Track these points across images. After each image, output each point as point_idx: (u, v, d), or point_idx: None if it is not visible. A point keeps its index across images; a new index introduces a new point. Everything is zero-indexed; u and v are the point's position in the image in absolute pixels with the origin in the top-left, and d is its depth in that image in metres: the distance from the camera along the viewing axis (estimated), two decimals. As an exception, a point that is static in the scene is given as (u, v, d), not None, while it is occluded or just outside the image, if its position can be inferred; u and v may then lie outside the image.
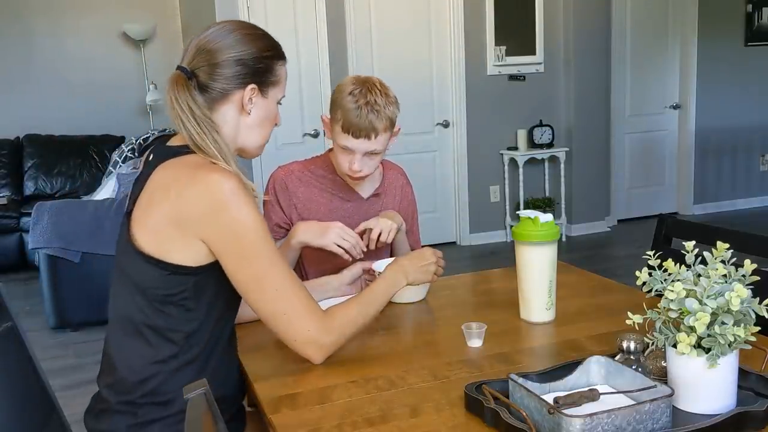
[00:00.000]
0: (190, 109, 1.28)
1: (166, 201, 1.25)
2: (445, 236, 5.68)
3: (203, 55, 1.32)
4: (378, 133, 1.79)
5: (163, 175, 1.29)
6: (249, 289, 1.29)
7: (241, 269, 1.27)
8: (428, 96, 5.44)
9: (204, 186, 1.23)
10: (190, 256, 1.26)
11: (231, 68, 1.32)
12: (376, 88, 1.80)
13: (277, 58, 1.39)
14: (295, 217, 1.92)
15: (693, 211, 6.44)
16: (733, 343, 1.05)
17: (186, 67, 1.33)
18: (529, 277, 1.55)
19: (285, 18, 4.96)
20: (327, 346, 1.35)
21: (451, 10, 5.38)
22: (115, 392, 1.32)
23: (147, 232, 1.27)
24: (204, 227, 1.24)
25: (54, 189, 5.83)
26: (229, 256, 1.26)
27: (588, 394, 1.08)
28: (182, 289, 1.27)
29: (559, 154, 5.66)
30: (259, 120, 1.39)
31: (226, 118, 1.35)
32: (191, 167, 1.27)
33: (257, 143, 1.42)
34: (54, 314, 3.89)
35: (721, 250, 1.10)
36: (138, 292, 1.28)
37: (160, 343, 1.29)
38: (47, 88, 5.91)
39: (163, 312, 1.28)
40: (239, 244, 1.25)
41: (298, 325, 1.31)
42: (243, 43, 1.34)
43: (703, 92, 6.27)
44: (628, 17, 5.98)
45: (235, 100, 1.35)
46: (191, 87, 1.31)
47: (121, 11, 5.99)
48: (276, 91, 1.41)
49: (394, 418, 1.15)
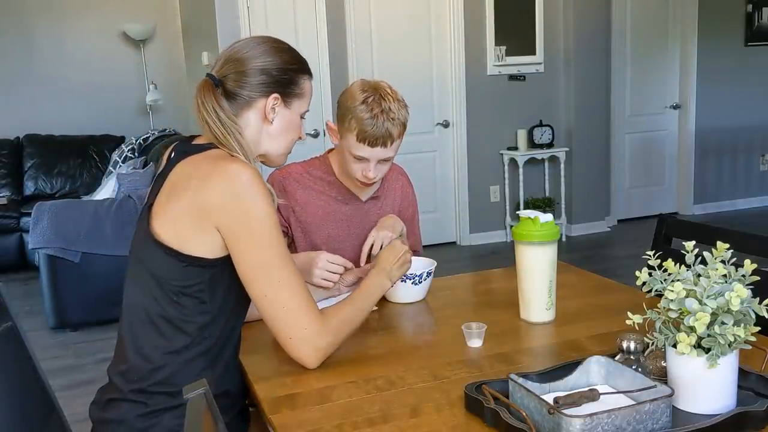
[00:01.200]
0: (215, 112, 1.34)
1: (188, 192, 1.29)
2: (445, 236, 5.68)
3: (231, 64, 1.39)
4: (394, 140, 1.78)
5: (185, 169, 1.33)
6: (253, 277, 1.30)
7: (248, 256, 1.29)
8: (428, 96, 5.44)
9: (224, 175, 1.27)
10: (207, 247, 1.29)
11: (256, 76, 1.38)
12: (387, 94, 1.78)
13: (302, 72, 1.45)
14: (293, 220, 1.90)
15: (693, 211, 6.44)
16: (733, 343, 1.05)
17: (214, 75, 1.39)
18: (529, 277, 1.55)
19: (285, 18, 4.96)
20: (323, 348, 1.35)
21: (451, 10, 5.38)
22: (127, 380, 1.34)
23: (167, 224, 1.31)
24: (221, 214, 1.27)
25: (54, 189, 5.83)
26: (239, 241, 1.29)
27: (588, 394, 1.08)
28: (198, 281, 1.31)
29: (559, 154, 5.66)
30: (280, 129, 1.43)
31: (249, 123, 1.40)
32: (212, 159, 1.32)
33: (279, 151, 1.46)
34: (54, 314, 3.89)
35: (721, 250, 1.10)
36: (154, 282, 1.32)
37: (174, 333, 1.32)
38: (47, 88, 5.91)
39: (178, 303, 1.31)
40: (251, 231, 1.28)
41: (295, 321, 1.32)
42: (269, 54, 1.40)
43: (703, 92, 6.27)
44: (628, 17, 5.98)
45: (258, 107, 1.40)
46: (218, 93, 1.36)
47: (121, 11, 5.99)
48: (300, 103, 1.45)
49: (394, 418, 1.15)
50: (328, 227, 1.90)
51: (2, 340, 1.26)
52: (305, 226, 1.90)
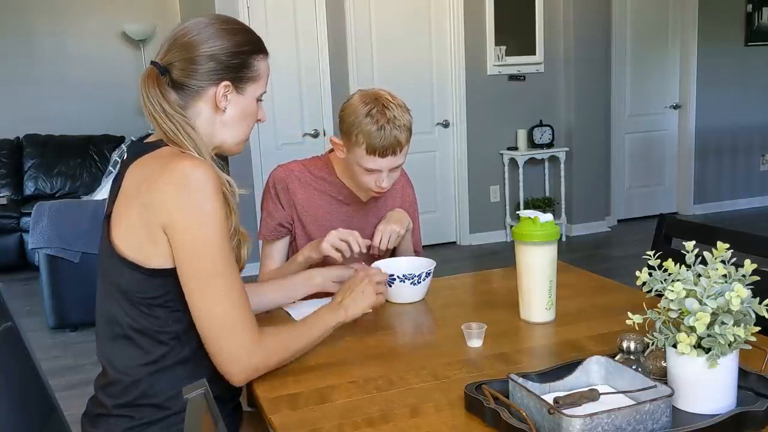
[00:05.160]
0: (161, 106, 1.24)
1: (138, 197, 1.22)
2: (445, 236, 5.68)
3: (177, 51, 1.28)
4: (402, 146, 1.78)
5: (135, 172, 1.26)
6: (193, 286, 1.22)
7: (192, 262, 1.21)
8: (428, 96, 5.44)
9: (174, 173, 1.19)
10: (164, 258, 1.22)
11: (204, 64, 1.28)
12: (389, 102, 1.77)
13: (254, 53, 1.34)
14: (295, 218, 1.92)
15: (693, 211, 6.44)
16: (733, 343, 1.05)
17: (159, 63, 1.29)
18: (529, 277, 1.55)
19: (285, 18, 4.96)
20: (252, 367, 1.27)
21: (451, 10, 5.38)
22: (109, 395, 1.30)
23: (124, 235, 1.24)
24: (168, 212, 1.19)
25: (54, 189, 5.83)
26: (183, 245, 1.20)
27: (588, 394, 1.08)
28: (166, 291, 1.25)
29: (559, 154, 5.66)
30: (235, 117, 1.34)
31: (200, 115, 1.31)
32: (162, 158, 1.24)
33: (235, 140, 1.37)
34: (53, 314, 3.90)
35: (721, 250, 1.10)
36: (122, 296, 1.26)
37: (150, 344, 1.27)
38: (47, 88, 5.91)
39: (150, 315, 1.26)
40: (196, 234, 1.20)
41: (230, 336, 1.24)
42: (218, 37, 1.29)
43: (703, 92, 6.27)
44: (628, 17, 5.98)
45: (208, 96, 1.30)
46: (163, 83, 1.27)
47: (121, 11, 5.99)
48: (255, 87, 1.35)
49: (394, 418, 1.15)
50: (329, 226, 1.90)
51: (2, 340, 1.26)
52: (306, 225, 1.91)
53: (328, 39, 5.09)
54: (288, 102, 5.06)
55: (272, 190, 1.92)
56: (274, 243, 1.94)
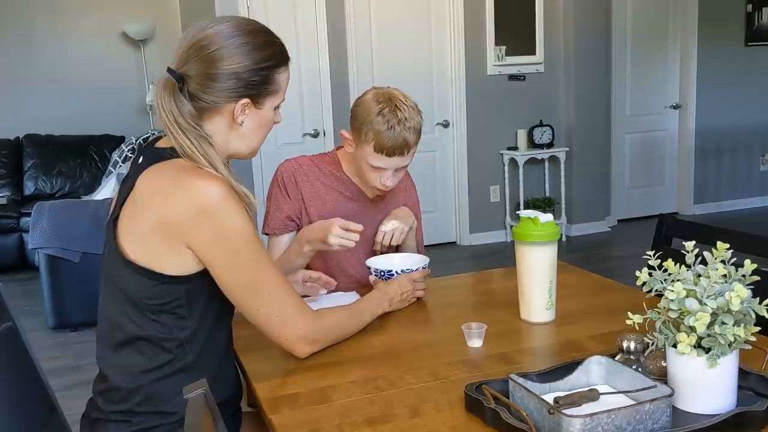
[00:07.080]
0: (175, 118, 1.22)
1: (151, 209, 1.21)
2: (445, 236, 5.68)
3: (196, 63, 1.24)
4: (410, 147, 1.80)
5: (148, 183, 1.24)
6: (241, 295, 1.28)
7: (232, 276, 1.24)
8: (428, 96, 5.43)
9: (189, 192, 1.18)
10: (180, 265, 1.22)
11: (224, 82, 1.24)
12: (402, 103, 1.78)
13: (277, 66, 1.31)
14: (303, 211, 1.92)
15: (693, 211, 6.44)
16: (733, 343, 1.05)
17: (176, 71, 1.25)
18: (529, 277, 1.55)
19: (285, 18, 4.96)
20: (318, 342, 1.39)
21: (451, 10, 5.38)
22: (107, 401, 1.29)
23: (134, 241, 1.23)
24: (190, 234, 1.19)
25: (54, 189, 5.83)
26: (218, 263, 1.23)
27: (588, 394, 1.08)
28: (175, 298, 1.24)
29: (559, 154, 5.66)
30: (252, 128, 1.33)
31: (215, 127, 1.29)
32: (176, 171, 1.22)
33: (250, 149, 1.37)
34: (53, 314, 3.89)
35: (721, 250, 1.10)
36: (128, 302, 1.25)
37: (154, 352, 1.26)
38: (47, 88, 5.91)
39: (156, 321, 1.25)
40: (229, 250, 1.22)
41: (291, 325, 1.33)
42: (240, 54, 1.24)
43: (703, 92, 6.27)
44: (629, 17, 5.98)
45: (226, 111, 1.28)
46: (178, 94, 1.23)
47: (121, 11, 5.99)
48: (274, 99, 1.33)
49: (394, 418, 1.15)
50: None
51: (2, 340, 1.26)
52: (313, 219, 1.91)
53: (328, 39, 5.08)
54: (288, 102, 4.95)
55: (280, 182, 1.92)
56: (280, 237, 1.93)
